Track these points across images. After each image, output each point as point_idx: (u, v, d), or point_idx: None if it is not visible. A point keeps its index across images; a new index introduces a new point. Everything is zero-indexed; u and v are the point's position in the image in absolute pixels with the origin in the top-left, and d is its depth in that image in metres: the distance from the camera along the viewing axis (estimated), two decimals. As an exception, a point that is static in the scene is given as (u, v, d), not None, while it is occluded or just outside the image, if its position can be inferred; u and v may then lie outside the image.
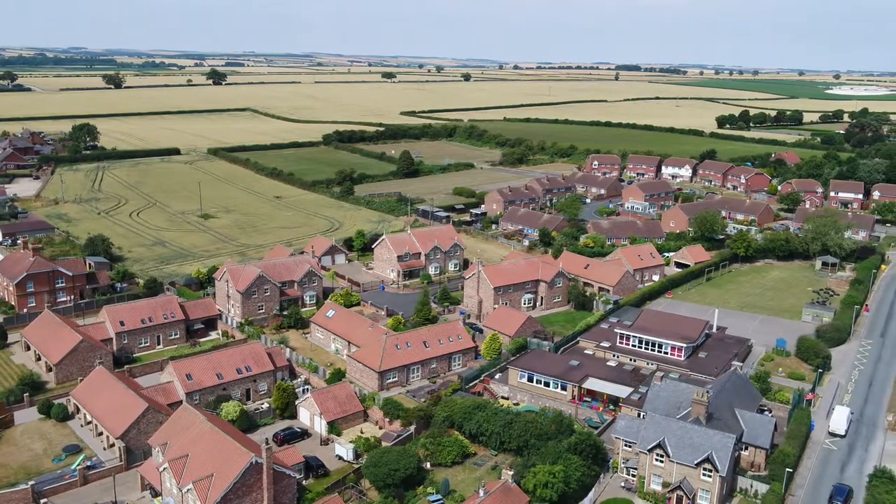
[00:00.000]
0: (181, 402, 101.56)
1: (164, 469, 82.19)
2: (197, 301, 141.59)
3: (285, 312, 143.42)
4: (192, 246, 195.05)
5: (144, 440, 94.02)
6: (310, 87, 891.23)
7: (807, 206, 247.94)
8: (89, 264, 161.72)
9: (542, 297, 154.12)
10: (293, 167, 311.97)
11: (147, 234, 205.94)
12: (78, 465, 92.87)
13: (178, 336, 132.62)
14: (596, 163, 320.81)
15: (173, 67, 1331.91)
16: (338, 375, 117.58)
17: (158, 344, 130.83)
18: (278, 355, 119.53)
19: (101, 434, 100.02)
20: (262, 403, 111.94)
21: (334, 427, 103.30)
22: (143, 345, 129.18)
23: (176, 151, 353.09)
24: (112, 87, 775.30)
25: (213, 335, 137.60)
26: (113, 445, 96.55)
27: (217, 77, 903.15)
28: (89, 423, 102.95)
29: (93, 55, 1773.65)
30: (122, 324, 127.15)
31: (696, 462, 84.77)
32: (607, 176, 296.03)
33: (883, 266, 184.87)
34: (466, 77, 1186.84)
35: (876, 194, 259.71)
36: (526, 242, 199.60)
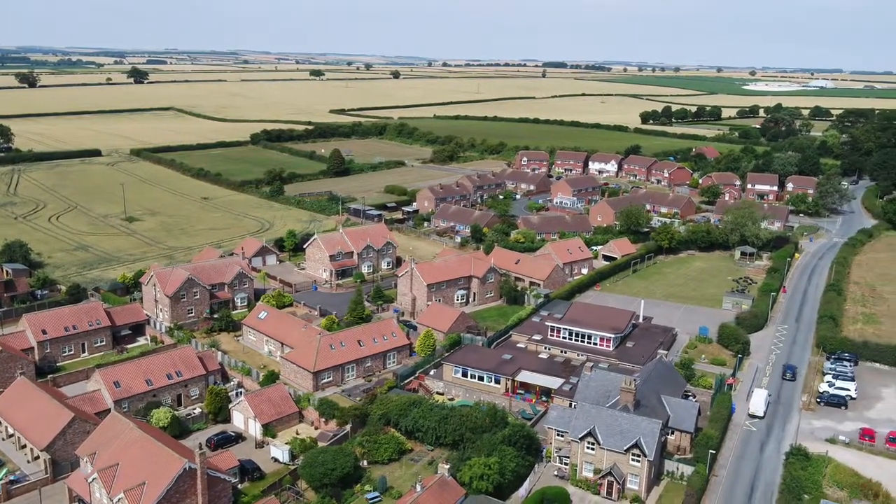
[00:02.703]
0: (109, 410, 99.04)
1: (94, 480, 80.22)
2: (123, 307, 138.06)
3: (216, 315, 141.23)
4: (116, 250, 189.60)
5: (71, 451, 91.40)
6: (236, 86, 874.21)
7: (726, 198, 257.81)
8: (7, 271, 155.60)
9: (474, 293, 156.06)
10: (221, 167, 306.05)
11: (68, 239, 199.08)
12: (0, 479, 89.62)
13: (104, 343, 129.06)
14: (525, 159, 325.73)
15: (91, 66, 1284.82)
16: (271, 377, 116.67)
17: (84, 352, 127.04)
18: (210, 359, 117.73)
19: (24, 447, 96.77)
20: (195, 408, 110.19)
21: (269, 429, 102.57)
22: (67, 353, 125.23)
23: (97, 153, 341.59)
24: (26, 86, 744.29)
25: (142, 341, 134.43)
26: (38, 458, 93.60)
27: (138, 75, 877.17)
28: (11, 436, 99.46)
29: (4, 52, 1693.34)
30: (44, 332, 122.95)
31: (625, 448, 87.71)
32: (536, 172, 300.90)
33: (797, 254, 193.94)
34: (396, 75, 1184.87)
35: (790, 186, 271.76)
36: (458, 239, 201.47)
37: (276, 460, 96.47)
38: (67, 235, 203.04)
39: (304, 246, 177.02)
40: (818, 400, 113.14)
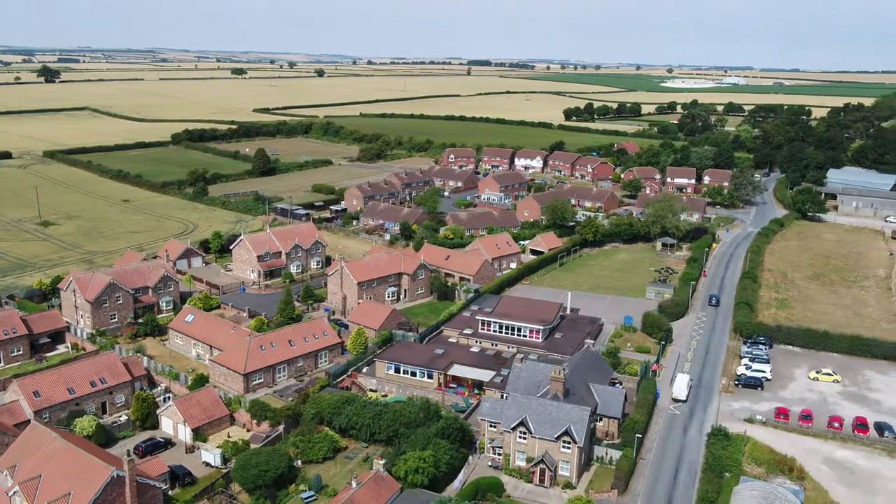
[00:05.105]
0: (29, 421, 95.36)
1: (15, 493, 77.35)
2: (41, 314, 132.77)
3: (140, 320, 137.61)
4: (31, 255, 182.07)
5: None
6: (154, 84, 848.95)
7: (647, 191, 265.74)
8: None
9: (405, 290, 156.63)
10: (141, 168, 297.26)
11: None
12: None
13: (21, 352, 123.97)
14: (452, 156, 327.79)
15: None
16: (200, 381, 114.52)
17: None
18: (135, 365, 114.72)
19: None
20: (121, 416, 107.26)
21: (200, 434, 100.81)
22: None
23: (7, 155, 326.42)
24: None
25: (62, 349, 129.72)
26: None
27: (49, 74, 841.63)
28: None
29: None
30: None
31: (556, 436, 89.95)
32: (464, 169, 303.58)
33: (714, 244, 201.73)
34: (320, 73, 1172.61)
35: (706, 179, 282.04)
36: (387, 237, 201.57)
37: (207, 464, 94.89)
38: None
39: (231, 247, 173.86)
40: (736, 382, 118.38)
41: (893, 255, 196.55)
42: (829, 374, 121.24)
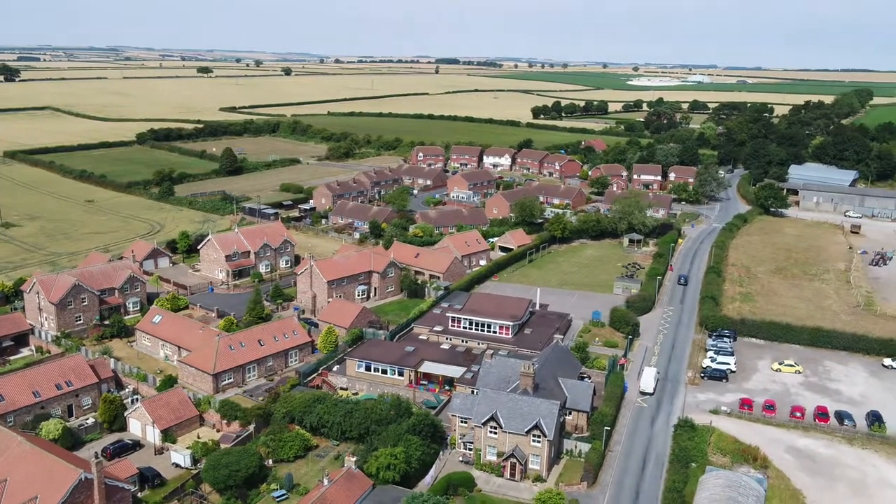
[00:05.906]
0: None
1: (-20, 497, 76.27)
2: (4, 316, 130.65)
3: (107, 322, 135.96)
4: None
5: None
6: (118, 83, 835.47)
7: (614, 188, 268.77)
8: None
9: (375, 288, 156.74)
10: (105, 168, 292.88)
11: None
12: None
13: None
14: (421, 154, 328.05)
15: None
16: (169, 382, 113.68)
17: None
18: (102, 366, 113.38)
19: None
20: (87, 418, 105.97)
21: (169, 435, 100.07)
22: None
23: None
24: None
25: (25, 352, 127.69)
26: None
27: (9, 73, 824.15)
28: None
29: None
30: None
31: (526, 430, 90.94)
32: (432, 167, 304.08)
33: (680, 240, 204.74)
34: (287, 71, 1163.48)
35: (672, 176, 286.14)
36: (357, 235, 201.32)
37: (177, 466, 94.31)
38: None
39: (199, 247, 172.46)
40: (702, 375, 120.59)
41: (852, 248, 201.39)
42: (792, 366, 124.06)
